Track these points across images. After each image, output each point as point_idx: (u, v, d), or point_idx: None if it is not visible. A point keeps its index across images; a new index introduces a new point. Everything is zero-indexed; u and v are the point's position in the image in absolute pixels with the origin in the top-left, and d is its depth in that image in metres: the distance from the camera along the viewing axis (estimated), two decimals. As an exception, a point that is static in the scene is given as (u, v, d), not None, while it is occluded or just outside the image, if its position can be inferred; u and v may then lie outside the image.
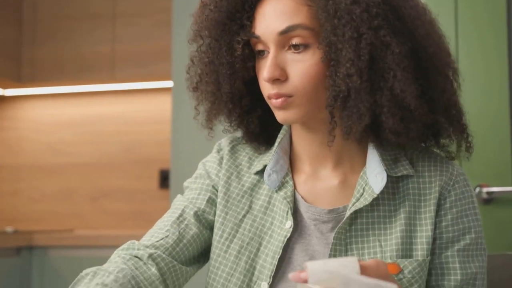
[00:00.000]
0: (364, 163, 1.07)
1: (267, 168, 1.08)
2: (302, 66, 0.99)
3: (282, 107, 1.01)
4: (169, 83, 3.15)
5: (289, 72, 0.99)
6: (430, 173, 1.05)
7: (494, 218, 1.99)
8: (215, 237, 1.08)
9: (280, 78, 0.99)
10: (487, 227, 2.11)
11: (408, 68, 0.97)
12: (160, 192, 3.28)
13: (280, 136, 1.11)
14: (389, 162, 1.05)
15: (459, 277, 1.01)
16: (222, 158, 1.14)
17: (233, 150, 1.14)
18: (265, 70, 0.99)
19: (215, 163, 1.13)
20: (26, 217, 3.43)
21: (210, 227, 1.10)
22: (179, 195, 1.15)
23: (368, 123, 0.99)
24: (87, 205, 3.38)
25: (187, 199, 1.12)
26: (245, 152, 1.14)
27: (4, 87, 3.45)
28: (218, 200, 1.10)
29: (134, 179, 3.33)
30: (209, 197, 1.11)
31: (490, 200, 2.00)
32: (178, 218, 1.08)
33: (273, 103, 1.01)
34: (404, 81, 0.96)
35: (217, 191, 1.11)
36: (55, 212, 3.41)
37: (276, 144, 1.10)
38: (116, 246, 3.18)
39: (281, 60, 0.99)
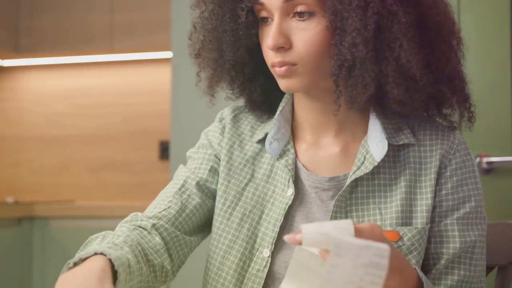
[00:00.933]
0: (365, 131, 1.07)
1: (269, 136, 1.08)
2: (306, 34, 0.98)
3: (285, 76, 1.00)
4: (168, 54, 3.13)
5: (293, 40, 0.99)
6: (432, 142, 1.05)
7: (494, 188, 2.00)
8: (218, 205, 1.09)
9: (284, 46, 0.98)
10: (486, 197, 2.11)
11: (414, 37, 0.97)
12: (160, 164, 3.28)
13: (281, 104, 1.11)
14: (391, 130, 1.05)
15: (458, 245, 1.02)
16: (224, 127, 1.13)
17: (235, 119, 1.14)
18: (269, 38, 0.99)
19: (217, 132, 1.13)
20: (26, 189, 3.44)
21: (213, 196, 1.11)
22: (181, 165, 1.15)
23: (373, 93, 0.99)
24: (87, 176, 3.38)
25: (189, 169, 1.12)
26: (248, 121, 1.14)
27: (2, 58, 3.43)
28: (221, 168, 1.10)
29: (133, 151, 3.33)
30: (211, 166, 1.11)
31: (490, 170, 2.01)
32: (180, 189, 1.09)
33: (276, 71, 1.01)
34: (410, 51, 0.96)
35: (219, 160, 1.11)
36: (55, 183, 3.42)
37: (277, 112, 1.10)
38: (116, 217, 3.19)
39: (285, 27, 0.99)
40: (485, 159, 2.00)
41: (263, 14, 1.01)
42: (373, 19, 0.95)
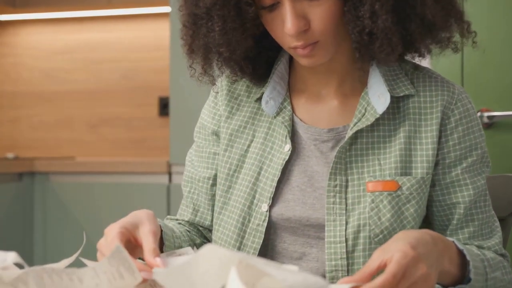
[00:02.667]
0: (364, 84, 1.07)
1: (264, 95, 1.09)
2: (322, 10, 0.96)
3: (310, 55, 1.00)
4: (167, 9, 3.09)
5: (310, 19, 0.97)
6: (431, 93, 1.05)
7: (495, 142, 2.00)
8: (223, 170, 1.11)
9: (304, 28, 0.96)
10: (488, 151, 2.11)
11: None
12: (159, 120, 3.28)
13: (277, 62, 1.11)
14: (391, 82, 1.05)
15: (471, 192, 1.05)
16: (216, 98, 1.14)
17: (229, 83, 1.14)
18: (287, 24, 0.96)
19: (210, 106, 1.15)
20: (26, 144, 3.44)
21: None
22: (188, 156, 1.17)
23: (402, 50, 1.00)
24: (87, 132, 3.38)
25: (189, 174, 1.16)
26: (243, 81, 1.14)
27: (-1, 13, 3.39)
28: (222, 135, 1.12)
29: (133, 107, 3.33)
30: (209, 153, 1.13)
31: (491, 124, 2.01)
32: (189, 192, 1.15)
33: (299, 52, 1.00)
34: (433, 6, 0.97)
35: (217, 135, 1.13)
36: (55, 139, 3.42)
37: (272, 71, 1.10)
38: (116, 173, 3.17)
39: (299, 9, 0.96)
40: (486, 114, 2.00)
41: (268, 1, 0.97)
42: None
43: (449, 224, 1.05)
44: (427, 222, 1.08)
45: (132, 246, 0.89)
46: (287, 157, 1.05)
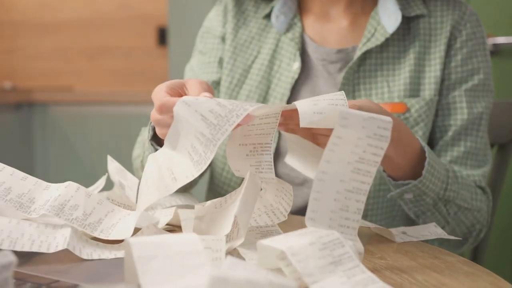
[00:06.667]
0: (375, 4, 1.05)
1: (275, 9, 1.06)
2: None
3: None
4: None
5: None
6: (442, 13, 1.03)
7: (499, 69, 1.98)
8: (224, 84, 1.08)
9: None
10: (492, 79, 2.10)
11: None
12: (158, 50, 3.24)
13: None
14: (402, 1, 1.03)
15: (465, 116, 1.02)
16: (226, 7, 1.11)
17: None
18: None
19: (219, 15, 1.12)
20: (24, 75, 3.41)
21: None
22: (186, 72, 1.13)
23: None
24: (85, 63, 3.35)
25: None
26: None
27: None
28: (226, 47, 1.09)
29: (131, 37, 3.28)
30: (215, 56, 1.10)
31: (495, 51, 1.98)
32: None
33: None
34: None
35: (224, 42, 1.10)
36: (52, 69, 3.39)
37: None
38: (115, 102, 3.15)
39: None
40: (490, 40, 1.97)
41: None
42: None
43: (434, 147, 1.03)
44: None
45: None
46: (296, 76, 1.03)
